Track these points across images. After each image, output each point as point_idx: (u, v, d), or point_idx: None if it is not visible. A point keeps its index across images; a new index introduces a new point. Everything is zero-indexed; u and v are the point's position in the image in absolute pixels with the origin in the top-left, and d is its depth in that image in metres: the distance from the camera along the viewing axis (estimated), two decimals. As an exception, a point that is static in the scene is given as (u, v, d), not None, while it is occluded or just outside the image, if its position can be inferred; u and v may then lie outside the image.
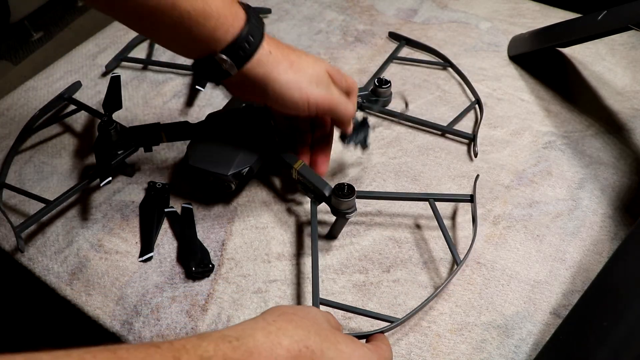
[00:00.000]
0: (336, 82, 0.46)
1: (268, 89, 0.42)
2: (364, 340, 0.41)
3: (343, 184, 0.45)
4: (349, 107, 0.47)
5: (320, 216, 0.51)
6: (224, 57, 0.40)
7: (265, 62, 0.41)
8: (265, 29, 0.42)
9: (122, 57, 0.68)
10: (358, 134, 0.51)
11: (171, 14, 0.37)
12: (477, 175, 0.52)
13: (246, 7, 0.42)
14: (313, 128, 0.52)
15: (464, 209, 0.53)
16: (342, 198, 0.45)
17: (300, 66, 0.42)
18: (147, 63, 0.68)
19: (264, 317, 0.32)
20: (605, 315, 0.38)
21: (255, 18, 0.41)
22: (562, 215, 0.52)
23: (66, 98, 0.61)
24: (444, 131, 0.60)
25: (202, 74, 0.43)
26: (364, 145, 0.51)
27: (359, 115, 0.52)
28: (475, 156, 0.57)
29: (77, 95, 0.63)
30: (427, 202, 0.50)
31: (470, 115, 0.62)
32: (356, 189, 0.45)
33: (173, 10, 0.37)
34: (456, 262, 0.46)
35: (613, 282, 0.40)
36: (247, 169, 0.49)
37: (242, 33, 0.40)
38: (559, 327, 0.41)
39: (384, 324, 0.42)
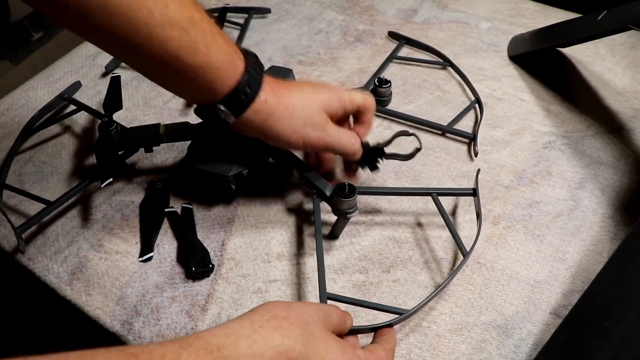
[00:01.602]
0: (334, 114, 0.46)
1: (265, 133, 0.44)
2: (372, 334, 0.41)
3: (344, 183, 0.46)
4: (347, 143, 0.47)
5: (321, 217, 0.51)
6: (222, 107, 0.41)
7: (260, 110, 0.42)
8: (263, 73, 0.43)
9: (122, 58, 0.68)
10: (368, 159, 0.51)
11: (174, 66, 0.38)
12: (479, 170, 0.52)
13: (245, 54, 0.43)
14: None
15: (464, 208, 0.53)
16: (343, 198, 0.45)
17: (295, 109, 0.43)
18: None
19: (252, 319, 0.32)
20: (605, 315, 0.38)
21: (254, 66, 0.42)
22: (562, 215, 0.52)
23: (66, 98, 0.61)
24: (444, 131, 0.60)
25: (203, 118, 0.45)
26: (372, 168, 0.51)
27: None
28: (476, 155, 0.57)
29: (77, 95, 0.63)
30: (429, 199, 0.50)
31: (471, 115, 0.62)
32: (357, 187, 0.46)
33: (176, 62, 0.38)
34: (462, 253, 0.46)
35: (613, 282, 0.40)
36: (247, 170, 0.49)
37: (240, 85, 0.41)
38: (559, 327, 0.41)
39: (391, 319, 0.42)
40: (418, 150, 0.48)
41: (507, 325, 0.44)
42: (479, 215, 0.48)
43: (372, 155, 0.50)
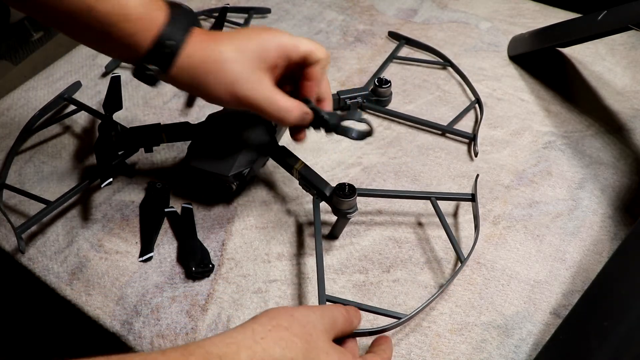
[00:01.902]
0: (274, 64, 0.41)
1: (196, 91, 0.41)
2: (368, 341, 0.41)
3: (344, 183, 0.46)
4: (281, 110, 0.42)
5: (320, 217, 0.51)
6: (147, 65, 0.38)
7: (187, 66, 0.39)
8: (191, 25, 0.40)
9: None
10: (317, 126, 0.45)
11: (89, 17, 0.36)
12: (477, 175, 0.52)
13: (172, 6, 0.39)
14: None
15: (464, 209, 0.53)
16: (343, 198, 0.45)
17: (225, 63, 0.40)
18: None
19: (254, 328, 0.31)
20: (605, 315, 0.38)
21: (178, 18, 0.39)
22: (562, 215, 0.52)
23: (66, 98, 0.61)
24: (444, 131, 0.60)
25: (141, 80, 0.41)
26: (327, 131, 0.46)
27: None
28: (476, 156, 0.57)
29: (77, 95, 0.64)
30: (429, 201, 0.50)
31: (471, 115, 0.62)
32: (357, 188, 0.45)
33: (90, 12, 0.36)
34: (460, 259, 0.46)
35: (613, 282, 0.40)
36: (247, 169, 0.49)
37: (161, 36, 0.38)
38: (559, 327, 0.41)
39: (389, 321, 0.42)
40: (369, 134, 0.45)
41: (507, 325, 0.44)
42: (477, 220, 0.48)
43: (321, 125, 0.46)
